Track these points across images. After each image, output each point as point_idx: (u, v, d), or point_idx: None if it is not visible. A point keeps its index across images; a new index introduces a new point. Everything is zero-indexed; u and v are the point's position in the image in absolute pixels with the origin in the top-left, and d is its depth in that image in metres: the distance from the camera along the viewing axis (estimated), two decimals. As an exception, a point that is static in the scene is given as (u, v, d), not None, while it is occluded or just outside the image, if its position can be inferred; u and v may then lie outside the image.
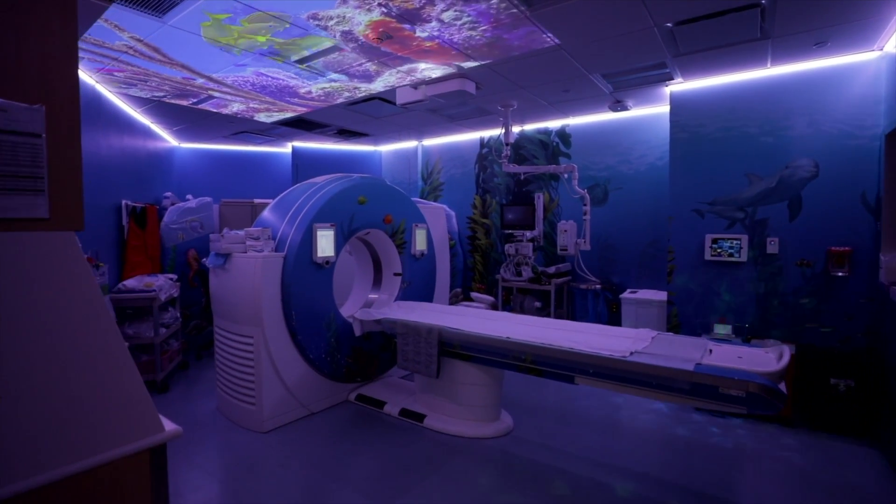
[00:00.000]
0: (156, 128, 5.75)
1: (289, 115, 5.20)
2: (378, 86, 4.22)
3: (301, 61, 3.57)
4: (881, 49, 3.35)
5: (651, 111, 4.97)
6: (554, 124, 5.68)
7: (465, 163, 6.58)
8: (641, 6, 2.70)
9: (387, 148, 7.43)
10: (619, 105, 4.76)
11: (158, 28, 2.97)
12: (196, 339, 5.40)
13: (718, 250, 3.99)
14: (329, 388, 3.83)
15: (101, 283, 3.68)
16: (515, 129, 5.83)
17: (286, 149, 7.16)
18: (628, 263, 5.24)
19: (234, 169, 7.16)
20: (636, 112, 5.04)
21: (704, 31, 3.03)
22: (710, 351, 2.60)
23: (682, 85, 4.15)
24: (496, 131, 6.18)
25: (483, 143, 6.39)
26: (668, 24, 2.95)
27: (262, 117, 5.33)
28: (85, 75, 3.83)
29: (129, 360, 1.32)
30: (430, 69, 3.78)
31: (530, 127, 5.87)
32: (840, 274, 3.53)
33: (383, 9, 2.80)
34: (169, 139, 6.38)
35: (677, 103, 4.21)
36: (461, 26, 3.02)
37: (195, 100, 4.57)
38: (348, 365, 3.87)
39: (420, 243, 4.42)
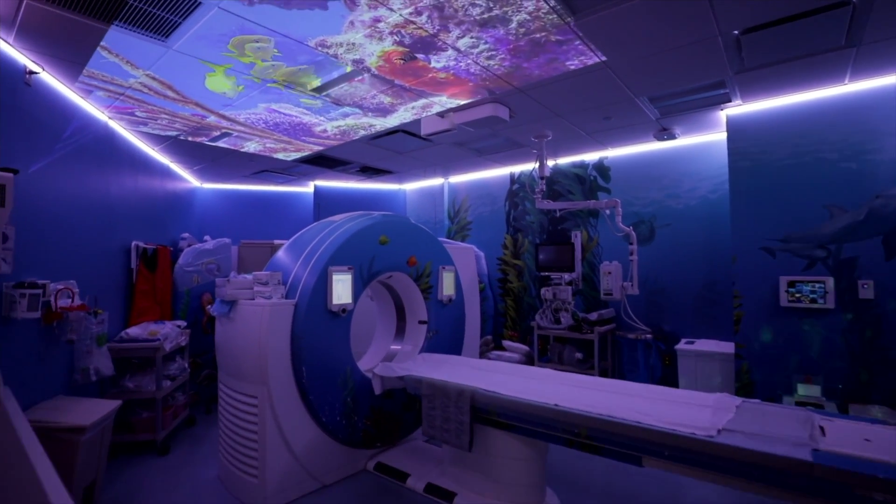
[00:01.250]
0: (176, 167, 5.61)
1: (307, 153, 4.97)
2: (393, 121, 3.94)
3: (315, 91, 3.31)
4: None
5: (701, 139, 4.51)
6: (591, 157, 5.27)
7: (494, 200, 6.20)
8: (707, 9, 2.31)
9: (411, 186, 7.15)
10: (665, 133, 4.33)
11: (164, 54, 2.75)
12: (207, 391, 5.01)
13: (797, 295, 3.40)
14: (344, 455, 3.32)
15: (100, 331, 3.36)
16: (549, 162, 5.45)
17: (308, 188, 6.97)
18: (681, 309, 4.64)
19: (255, 209, 6.99)
20: (684, 141, 4.59)
21: (777, 39, 2.61)
22: (822, 430, 2.02)
23: (740, 108, 3.70)
24: (528, 166, 5.82)
25: (514, 179, 6.01)
26: (735, 32, 2.55)
27: (281, 157, 5.12)
28: (97, 111, 3.66)
29: (49, 467, 0.90)
30: (446, 102, 3.49)
31: (564, 160, 5.48)
32: (958, 324, 2.91)
33: (395, 37, 2.51)
34: (190, 179, 6.26)
35: (735, 128, 3.76)
36: (478, 55, 2.72)
37: (209, 138, 4.39)
38: (366, 428, 3.37)
39: (448, 288, 3.97)
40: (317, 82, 3.17)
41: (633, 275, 4.41)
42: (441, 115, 3.77)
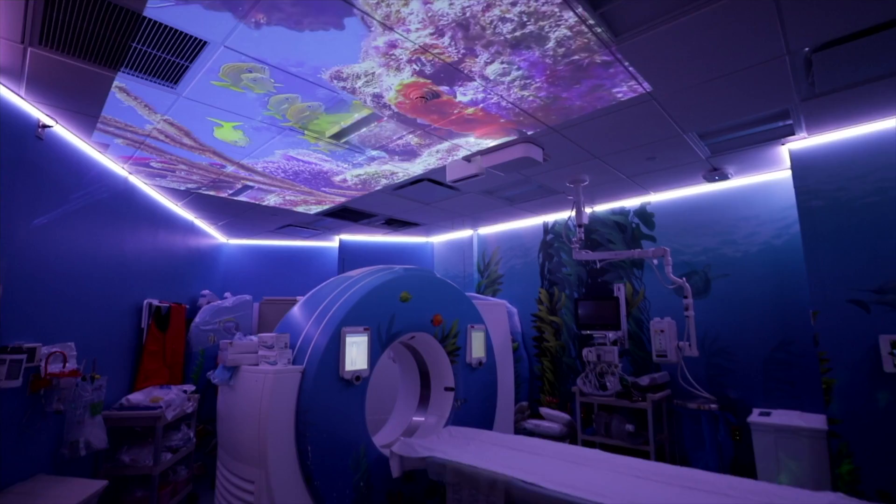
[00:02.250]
0: (200, 223, 5.53)
1: (328, 206, 4.78)
2: (417, 168, 3.69)
3: (334, 137, 3.11)
4: None
5: (759, 178, 4.05)
6: (631, 203, 4.86)
7: (526, 252, 5.81)
8: (774, 21, 1.97)
9: (439, 239, 6.87)
10: (716, 174, 3.91)
11: (174, 101, 2.61)
12: (215, 462, 4.58)
13: (905, 359, 2.78)
14: (355, 553, 2.80)
15: (95, 399, 3.06)
16: (585, 210, 5.06)
17: (333, 243, 6.79)
18: (749, 373, 3.99)
19: (280, 265, 6.83)
20: (738, 181, 4.14)
21: (856, 56, 2.23)
22: None
23: (805, 141, 3.27)
24: (562, 214, 5.45)
25: (547, 229, 5.63)
26: (807, 49, 2.19)
27: (302, 210, 4.95)
28: (115, 165, 3.58)
29: None
30: (473, 144, 3.23)
31: (602, 208, 5.09)
32: None
33: (415, 66, 2.27)
34: (216, 235, 6.18)
35: (801, 164, 3.31)
36: (510, 84, 2.43)
37: (231, 191, 4.26)
38: (382, 519, 2.86)
39: (477, 349, 3.53)
40: (336, 128, 2.97)
41: (690, 333, 3.84)
42: (468, 159, 3.49)
